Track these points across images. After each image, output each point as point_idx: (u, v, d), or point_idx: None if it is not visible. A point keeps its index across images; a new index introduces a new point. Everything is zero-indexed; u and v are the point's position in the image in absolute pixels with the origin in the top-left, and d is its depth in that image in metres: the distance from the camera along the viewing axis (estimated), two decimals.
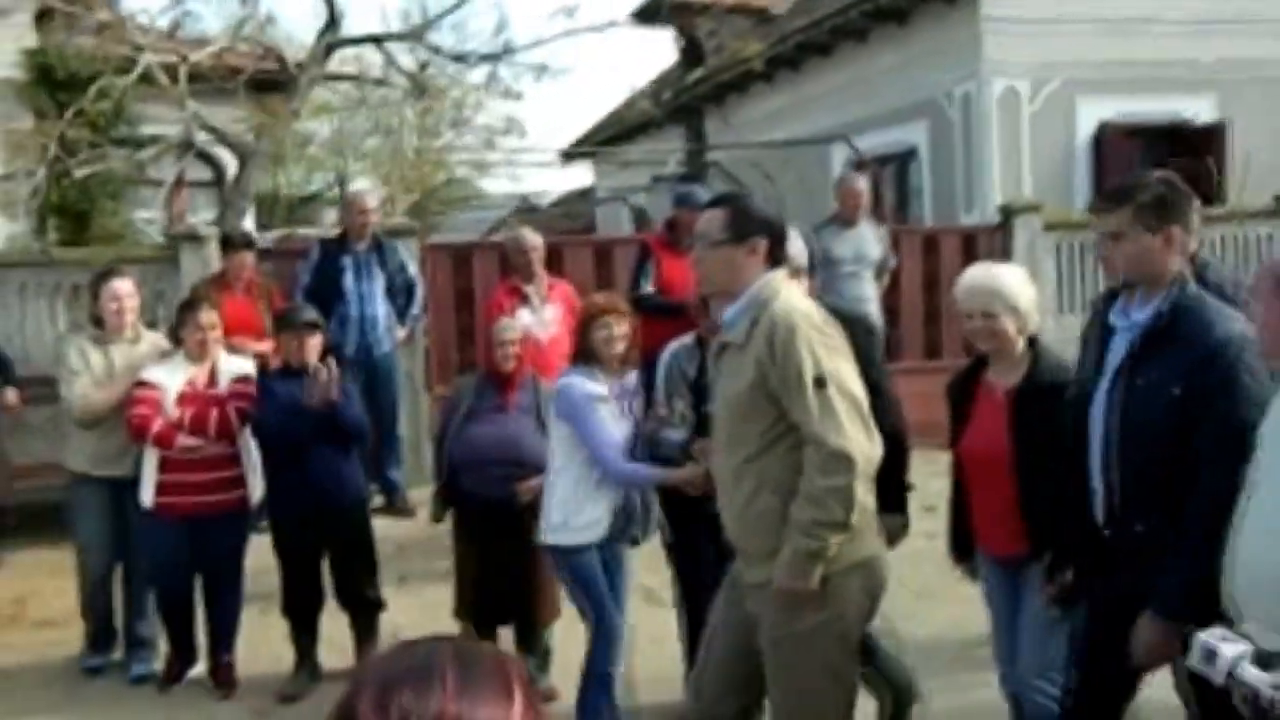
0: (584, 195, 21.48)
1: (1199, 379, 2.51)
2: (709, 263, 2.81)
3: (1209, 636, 2.11)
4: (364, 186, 7.34)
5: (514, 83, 9.34)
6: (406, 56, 8.90)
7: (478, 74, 9.51)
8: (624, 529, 3.85)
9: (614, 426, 3.76)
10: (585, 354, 3.83)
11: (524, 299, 5.71)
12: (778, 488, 2.67)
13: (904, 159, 9.91)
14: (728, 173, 10.40)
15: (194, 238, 6.85)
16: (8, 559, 6.34)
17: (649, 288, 5.96)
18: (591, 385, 3.75)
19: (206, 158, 9.37)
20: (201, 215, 11.19)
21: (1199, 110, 9.68)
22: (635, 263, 5.81)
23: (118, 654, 4.85)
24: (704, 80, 13.22)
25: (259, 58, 9.45)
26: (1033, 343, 3.18)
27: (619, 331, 3.79)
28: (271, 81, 9.05)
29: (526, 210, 20.09)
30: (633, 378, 3.92)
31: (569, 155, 16.51)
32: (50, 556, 6.32)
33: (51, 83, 8.57)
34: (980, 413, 3.21)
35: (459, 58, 8.72)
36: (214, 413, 4.50)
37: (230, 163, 10.24)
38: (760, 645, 2.76)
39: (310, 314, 4.81)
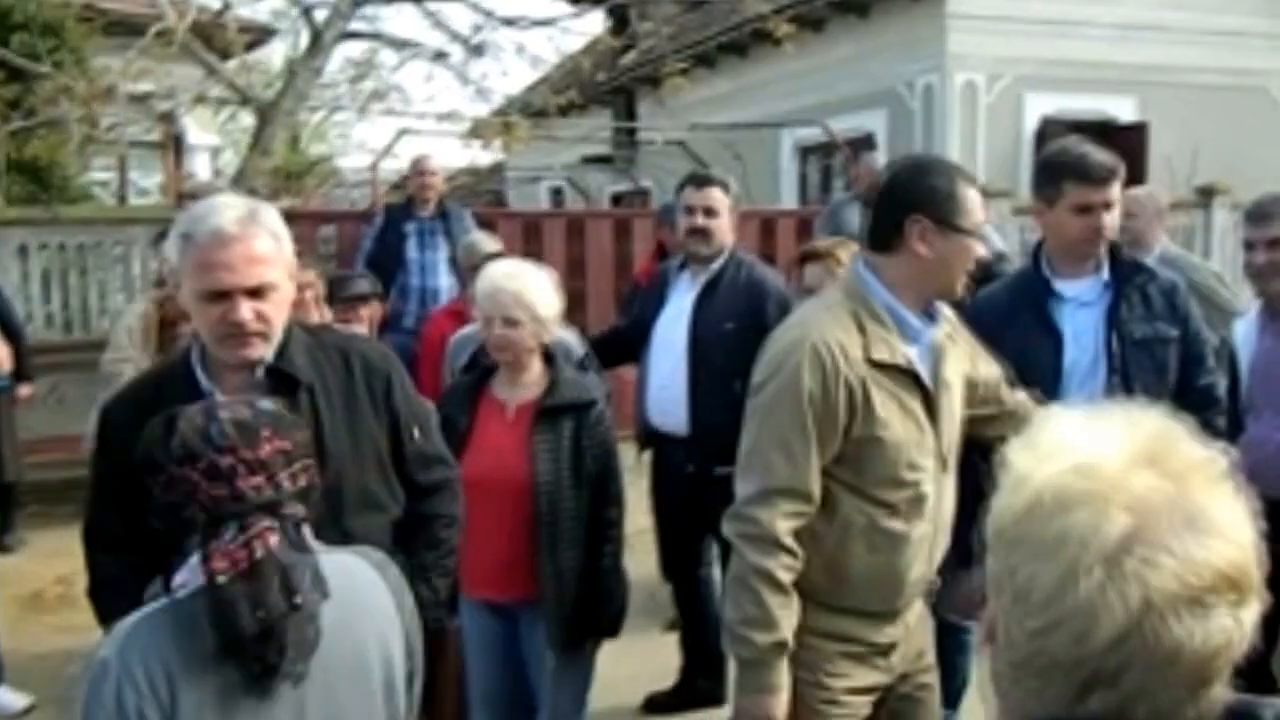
0: (476, 174, 21.24)
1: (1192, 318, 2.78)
2: None
3: None
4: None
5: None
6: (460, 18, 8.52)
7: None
8: None
9: None
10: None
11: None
12: None
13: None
14: (693, 153, 10.57)
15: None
16: (28, 538, 5.97)
17: None
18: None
19: (169, 119, 8.92)
20: (149, 176, 10.63)
21: (1122, 110, 10.49)
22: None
23: None
24: (642, 64, 13.34)
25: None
26: (550, 358, 2.95)
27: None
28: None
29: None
30: None
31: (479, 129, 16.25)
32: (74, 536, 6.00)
33: (7, 27, 7.95)
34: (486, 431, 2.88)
35: (510, 21, 8.52)
36: None
37: (190, 127, 9.80)
38: None
39: (362, 285, 4.41)
